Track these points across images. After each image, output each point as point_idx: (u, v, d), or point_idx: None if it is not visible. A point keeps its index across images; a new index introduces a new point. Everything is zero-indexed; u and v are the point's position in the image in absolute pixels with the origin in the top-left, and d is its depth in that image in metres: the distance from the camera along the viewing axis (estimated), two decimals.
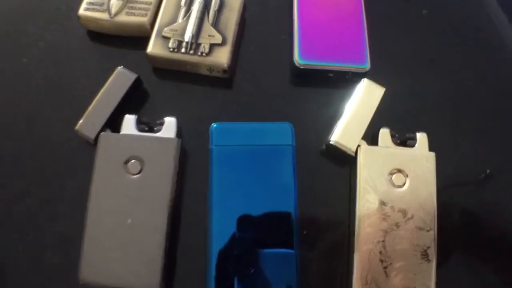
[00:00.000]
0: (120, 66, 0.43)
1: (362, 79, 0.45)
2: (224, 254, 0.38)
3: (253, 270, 0.37)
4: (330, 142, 0.43)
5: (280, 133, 0.42)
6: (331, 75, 0.46)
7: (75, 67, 0.47)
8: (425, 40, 0.51)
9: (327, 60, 0.45)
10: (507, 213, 0.44)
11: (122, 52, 0.47)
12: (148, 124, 0.42)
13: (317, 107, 0.46)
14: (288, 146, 0.41)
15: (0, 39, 0.49)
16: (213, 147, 0.41)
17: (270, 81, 0.46)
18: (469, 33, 0.51)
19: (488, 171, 0.45)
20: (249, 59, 0.47)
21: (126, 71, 0.43)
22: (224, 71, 0.44)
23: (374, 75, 0.46)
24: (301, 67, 0.45)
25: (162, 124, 0.42)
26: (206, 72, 0.45)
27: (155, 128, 0.42)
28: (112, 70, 0.44)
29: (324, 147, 0.45)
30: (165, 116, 0.42)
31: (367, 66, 0.46)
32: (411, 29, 0.51)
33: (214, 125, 0.42)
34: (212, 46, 0.44)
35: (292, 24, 0.47)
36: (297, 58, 0.45)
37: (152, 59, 0.44)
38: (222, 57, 0.43)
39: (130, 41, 0.47)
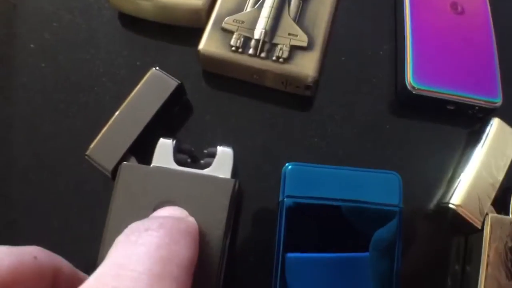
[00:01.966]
0: (156, 66, 0.31)
1: (492, 119, 0.32)
2: None
3: None
4: (449, 205, 0.30)
5: (382, 187, 0.29)
6: (451, 107, 0.33)
7: (96, 61, 0.35)
8: None
9: (449, 87, 0.32)
10: None
11: (162, 46, 0.35)
12: (191, 153, 0.30)
13: (427, 150, 0.33)
14: (393, 208, 0.28)
15: (2, 16, 0.37)
16: (285, 199, 0.28)
17: (365, 106, 0.33)
18: None
19: None
20: (339, 72, 0.34)
21: (164, 75, 0.30)
22: (307, 86, 0.31)
23: (503, 113, 0.33)
24: (415, 92, 0.32)
25: (212, 155, 0.29)
26: (279, 86, 0.32)
27: (202, 161, 0.29)
28: (146, 71, 0.31)
29: (433, 207, 0.31)
30: (217, 144, 0.29)
31: (499, 100, 0.33)
32: None
33: (289, 166, 0.28)
34: (294, 49, 0.31)
35: (403, 34, 0.34)
36: (411, 80, 0.32)
37: (205, 59, 0.32)
38: (308, 66, 0.30)
39: (176, 31, 0.35)
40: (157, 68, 0.31)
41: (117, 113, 0.30)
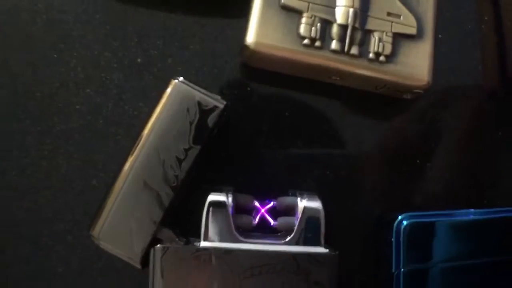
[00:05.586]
0: (178, 76, 0.19)
1: None
2: None
3: None
4: None
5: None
6: None
7: (71, 62, 0.22)
8: None
9: None
10: None
11: (173, 29, 0.22)
12: (253, 208, 0.20)
13: None
14: None
15: None
16: (403, 270, 0.20)
17: (469, 108, 0.24)
18: None
19: None
20: (437, 56, 0.23)
21: (199, 93, 0.19)
22: (415, 92, 0.21)
23: None
24: None
25: (284, 209, 0.20)
26: (368, 88, 0.22)
27: (274, 222, 0.20)
28: (156, 74, 0.20)
29: None
30: (290, 190, 0.20)
31: None
32: None
33: (404, 221, 0.20)
34: (397, 39, 0.20)
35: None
36: None
37: (256, 56, 0.20)
38: (420, 66, 0.20)
39: (195, 4, 0.22)
40: (182, 79, 0.19)
41: (130, 159, 0.19)
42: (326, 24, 0.20)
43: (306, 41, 0.20)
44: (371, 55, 0.20)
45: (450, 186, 0.23)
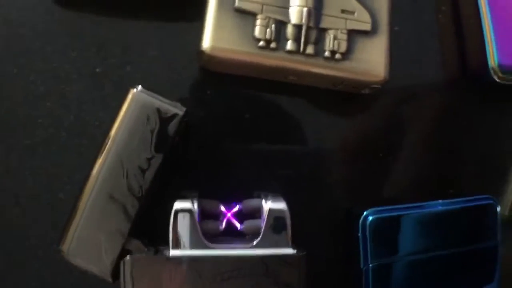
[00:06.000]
0: (137, 85, 0.19)
1: None
2: None
3: None
4: None
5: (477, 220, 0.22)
6: None
7: (30, 75, 0.22)
8: None
9: None
10: None
11: (128, 35, 0.22)
12: (219, 213, 0.20)
13: None
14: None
15: None
16: (371, 265, 0.20)
17: (433, 98, 0.24)
18: None
19: None
20: (394, 49, 0.23)
21: (158, 101, 0.19)
22: (372, 88, 0.21)
23: None
24: (502, 82, 0.23)
25: (251, 212, 0.20)
26: (326, 86, 0.22)
27: (241, 225, 0.20)
28: (115, 83, 0.20)
29: None
30: (255, 192, 0.20)
31: None
32: None
33: (369, 216, 0.20)
34: (352, 35, 0.20)
35: None
36: (496, 63, 0.23)
37: (213, 61, 0.20)
38: (375, 62, 0.20)
39: (147, 9, 0.22)
40: (140, 88, 0.19)
41: (93, 172, 0.19)
42: (281, 25, 0.20)
43: (261, 43, 0.20)
44: (326, 53, 0.20)
45: (415, 178, 0.23)
